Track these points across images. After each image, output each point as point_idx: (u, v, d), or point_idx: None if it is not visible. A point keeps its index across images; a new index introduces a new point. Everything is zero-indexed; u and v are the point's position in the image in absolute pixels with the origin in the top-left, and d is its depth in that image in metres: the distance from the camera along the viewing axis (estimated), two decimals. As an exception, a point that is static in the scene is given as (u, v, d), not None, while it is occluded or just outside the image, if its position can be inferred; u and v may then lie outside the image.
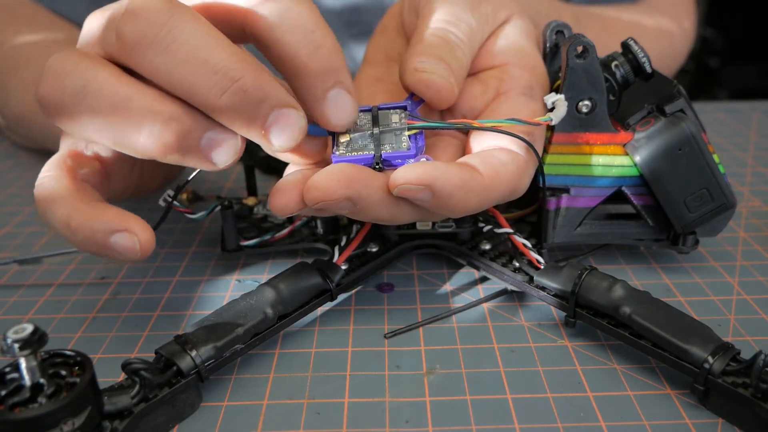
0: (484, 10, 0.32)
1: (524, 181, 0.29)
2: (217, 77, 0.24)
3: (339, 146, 0.28)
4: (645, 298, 0.28)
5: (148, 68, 0.25)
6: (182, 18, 0.25)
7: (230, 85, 0.24)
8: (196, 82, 0.24)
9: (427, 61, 0.29)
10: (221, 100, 0.25)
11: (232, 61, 0.25)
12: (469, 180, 0.26)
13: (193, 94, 0.25)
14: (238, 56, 0.25)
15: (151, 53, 0.25)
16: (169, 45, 0.24)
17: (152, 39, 0.24)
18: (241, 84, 0.24)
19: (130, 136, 0.25)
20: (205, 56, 0.24)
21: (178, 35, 0.24)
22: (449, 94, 0.29)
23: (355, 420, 0.26)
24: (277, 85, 0.25)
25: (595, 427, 0.25)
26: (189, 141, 0.25)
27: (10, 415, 0.21)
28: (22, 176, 0.50)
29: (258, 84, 0.25)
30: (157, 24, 0.24)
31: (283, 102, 0.25)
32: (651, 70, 0.32)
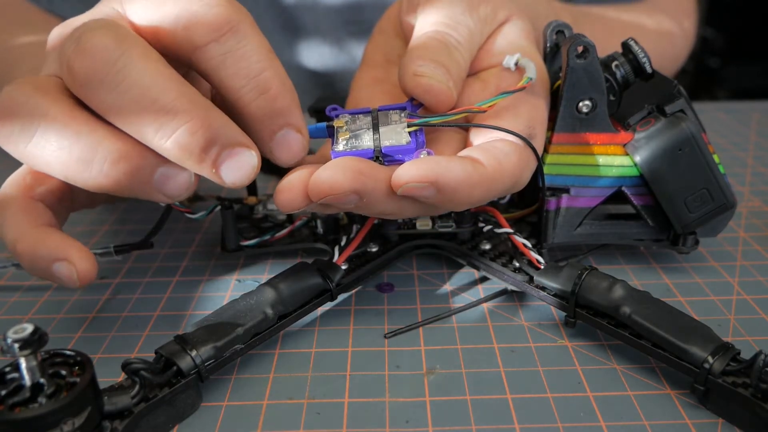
0: (482, 11, 0.32)
1: (526, 172, 0.29)
2: (165, 118, 0.24)
3: (338, 143, 0.28)
4: (645, 298, 0.28)
5: (98, 105, 0.25)
6: (133, 56, 0.24)
7: (179, 126, 0.24)
8: (144, 123, 0.24)
9: (426, 65, 0.29)
10: (170, 140, 0.24)
11: (182, 102, 0.24)
12: (473, 172, 0.26)
13: (142, 134, 0.25)
14: (189, 96, 0.25)
15: (101, 91, 0.24)
16: (119, 84, 0.24)
17: (102, 77, 0.24)
18: (191, 126, 0.24)
19: (80, 173, 0.25)
20: (154, 97, 0.24)
21: (127, 75, 0.24)
22: (447, 98, 0.29)
23: (355, 420, 0.26)
24: (228, 124, 0.25)
25: (595, 427, 0.25)
26: (140, 178, 0.25)
27: (10, 415, 0.21)
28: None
29: (207, 124, 0.25)
30: (107, 62, 0.24)
31: (233, 141, 0.25)
32: (651, 71, 0.32)
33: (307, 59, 0.62)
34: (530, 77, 0.29)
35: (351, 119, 0.29)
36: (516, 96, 0.30)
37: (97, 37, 0.24)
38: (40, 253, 0.27)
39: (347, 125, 0.29)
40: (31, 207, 0.29)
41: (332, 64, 0.62)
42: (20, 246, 0.27)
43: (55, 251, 0.27)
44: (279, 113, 0.27)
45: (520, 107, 0.30)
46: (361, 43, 0.60)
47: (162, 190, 0.26)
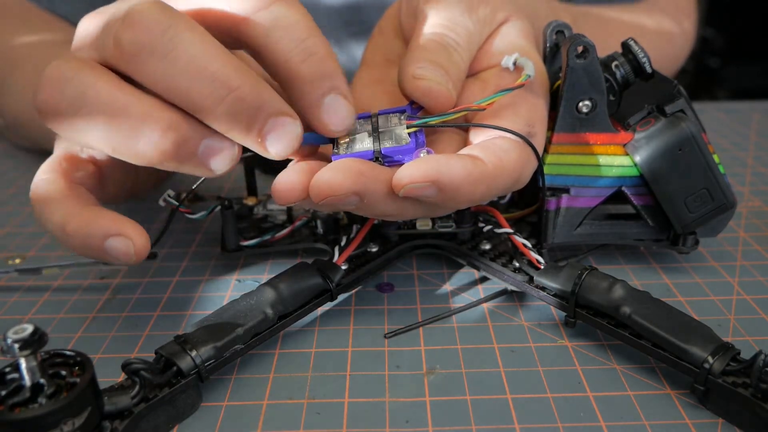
0: (482, 12, 0.32)
1: (527, 170, 0.29)
2: (214, 86, 0.25)
3: (339, 146, 0.28)
4: (645, 298, 0.28)
5: (147, 76, 0.25)
6: (180, 27, 0.25)
7: (227, 94, 0.25)
8: (194, 90, 0.25)
9: (426, 68, 0.29)
10: (219, 108, 0.25)
11: (229, 70, 0.25)
12: (474, 170, 0.26)
13: (191, 103, 0.25)
14: (236, 65, 0.25)
15: (149, 62, 0.25)
16: (168, 54, 0.24)
17: (151, 48, 0.25)
18: (238, 93, 0.25)
19: (129, 144, 0.25)
20: (204, 65, 0.24)
21: (177, 44, 0.24)
22: (447, 100, 0.29)
23: (355, 420, 0.26)
24: (273, 94, 0.26)
25: (595, 427, 0.25)
26: (186, 149, 0.25)
27: (10, 415, 0.21)
28: (23, 176, 0.50)
29: (255, 93, 0.25)
30: (156, 33, 0.24)
31: (279, 110, 0.26)
32: (651, 71, 0.32)
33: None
34: (528, 74, 0.29)
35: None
36: (515, 95, 0.30)
37: (145, 10, 0.25)
38: (94, 231, 0.27)
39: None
40: (75, 189, 0.29)
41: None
42: (70, 226, 0.27)
43: (109, 228, 0.27)
44: (328, 75, 0.27)
45: (520, 106, 0.30)
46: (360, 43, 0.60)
47: (206, 163, 0.26)
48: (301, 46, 0.26)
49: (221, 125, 0.25)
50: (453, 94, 0.30)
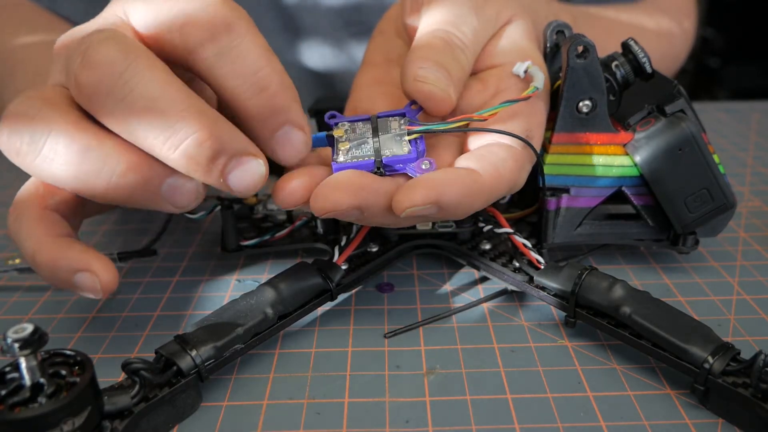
0: (488, 11, 0.32)
1: (523, 175, 0.29)
2: (172, 130, 0.24)
3: (339, 154, 0.28)
4: (645, 298, 0.28)
5: (106, 118, 0.25)
6: (139, 67, 0.24)
7: (186, 138, 0.24)
8: (152, 134, 0.24)
9: (428, 68, 0.29)
10: (177, 152, 0.24)
11: (188, 113, 0.24)
12: (472, 185, 0.26)
13: (150, 146, 0.25)
14: (195, 107, 0.25)
15: (108, 103, 0.24)
16: (126, 96, 0.24)
17: (108, 90, 0.24)
18: (197, 137, 0.24)
19: (90, 186, 0.25)
20: (161, 108, 0.24)
21: (134, 87, 0.24)
22: (447, 104, 0.29)
23: (355, 420, 0.26)
24: (235, 133, 0.25)
25: (595, 427, 0.25)
26: (148, 189, 0.25)
27: (10, 414, 0.21)
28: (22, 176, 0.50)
29: (215, 136, 0.25)
30: (114, 74, 0.24)
31: (241, 150, 0.25)
32: (651, 71, 0.32)
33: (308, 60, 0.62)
34: (537, 87, 0.29)
35: (350, 128, 0.29)
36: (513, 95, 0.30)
37: (102, 49, 0.24)
38: (61, 264, 0.26)
39: (347, 134, 0.29)
40: (47, 217, 0.28)
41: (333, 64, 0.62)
42: (39, 257, 0.27)
43: (76, 262, 0.26)
44: (278, 111, 0.27)
45: (519, 111, 0.30)
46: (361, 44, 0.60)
47: (170, 201, 0.26)
48: (249, 81, 0.26)
49: (182, 167, 0.25)
50: (454, 99, 0.29)
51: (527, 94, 0.29)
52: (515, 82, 0.31)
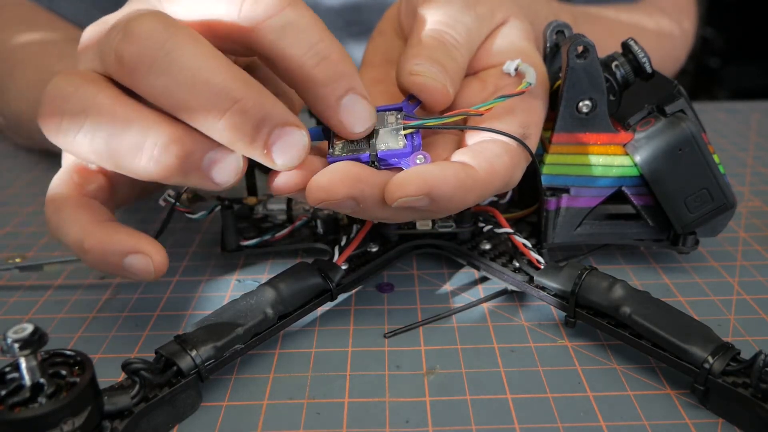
0: (480, 10, 0.32)
1: (518, 171, 0.29)
2: (216, 99, 0.24)
3: (335, 147, 0.28)
4: (645, 298, 0.28)
5: (148, 90, 0.25)
6: (181, 39, 0.24)
7: (230, 107, 0.24)
8: (195, 104, 0.24)
9: (423, 64, 0.29)
10: (221, 122, 0.24)
11: (231, 82, 0.24)
12: (466, 179, 0.26)
13: (193, 116, 0.25)
14: (238, 77, 0.25)
15: (150, 76, 0.24)
16: (168, 67, 0.24)
17: (151, 62, 0.24)
18: (241, 105, 0.24)
19: (131, 161, 0.25)
20: (205, 78, 0.24)
21: (177, 57, 0.24)
22: (444, 96, 0.29)
23: (355, 420, 0.26)
24: (278, 104, 0.25)
25: (595, 427, 0.25)
26: (189, 163, 0.25)
27: (10, 414, 0.21)
28: (23, 176, 0.50)
29: (258, 104, 0.25)
30: (156, 46, 0.24)
31: (284, 121, 0.25)
32: (651, 71, 0.32)
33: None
34: (529, 82, 0.29)
35: None
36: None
37: (144, 22, 0.24)
38: (111, 249, 0.27)
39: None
40: (89, 204, 0.29)
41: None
42: (88, 243, 0.27)
43: (127, 245, 0.27)
44: (343, 77, 0.27)
45: (516, 108, 0.30)
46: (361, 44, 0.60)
47: (211, 176, 0.26)
48: (313, 50, 0.26)
49: (225, 138, 0.25)
50: (450, 91, 0.29)
51: (521, 89, 0.29)
52: (513, 80, 0.31)
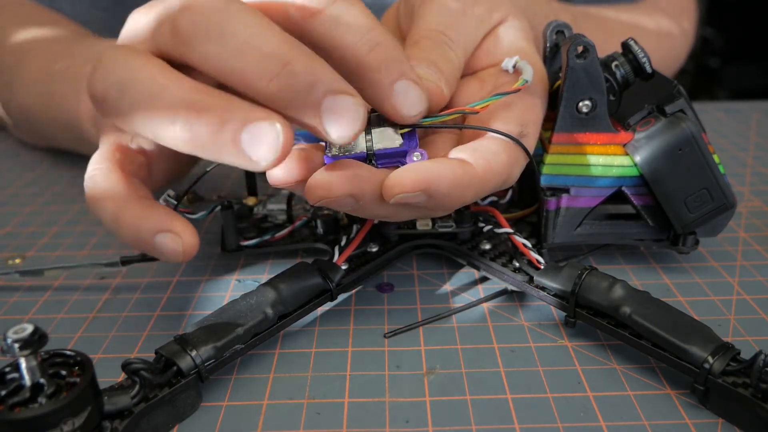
0: (477, 11, 0.32)
1: (516, 169, 0.29)
2: (266, 62, 0.24)
3: (332, 147, 0.28)
4: (645, 298, 0.28)
5: (201, 59, 0.25)
6: (236, 9, 0.25)
7: (280, 70, 0.24)
8: (246, 68, 0.25)
9: (419, 66, 0.29)
10: (271, 85, 0.24)
11: (282, 47, 0.25)
12: (463, 175, 0.26)
13: (244, 82, 0.25)
14: (289, 42, 0.25)
15: (204, 44, 0.25)
16: (222, 34, 0.25)
17: (206, 29, 0.25)
18: (291, 68, 0.24)
19: (166, 128, 0.25)
20: (255, 43, 0.24)
21: (231, 25, 0.25)
22: (439, 97, 0.29)
23: (355, 420, 0.26)
24: (331, 71, 0.25)
25: (595, 427, 0.25)
26: (223, 134, 0.24)
27: (10, 415, 0.21)
28: (23, 176, 0.50)
29: (309, 68, 0.24)
30: (212, 15, 0.25)
31: (337, 88, 0.25)
32: (651, 71, 0.32)
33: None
34: (526, 80, 0.29)
35: None
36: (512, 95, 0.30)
37: None
38: (144, 225, 0.27)
39: None
40: (129, 181, 0.29)
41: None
42: (123, 218, 0.27)
43: (160, 223, 0.27)
44: (395, 61, 0.27)
45: (514, 106, 0.30)
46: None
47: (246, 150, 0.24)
48: (366, 37, 0.27)
49: (276, 103, 0.25)
50: (446, 92, 0.30)
51: (517, 87, 0.29)
52: (512, 79, 0.31)
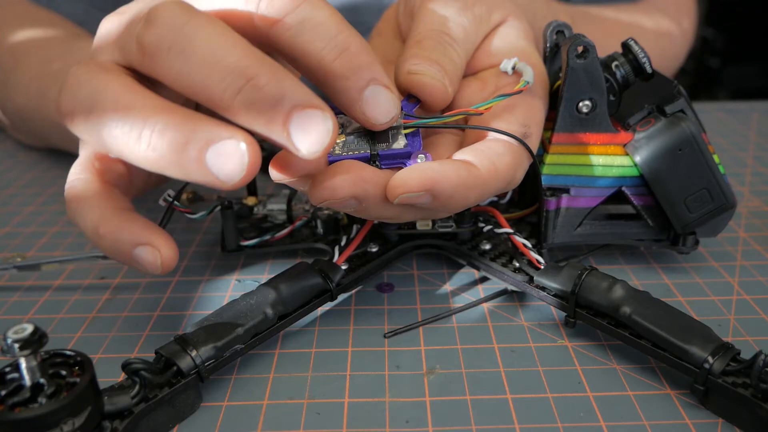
0: (477, 11, 0.32)
1: (520, 171, 0.29)
2: (230, 77, 0.24)
3: (335, 146, 0.28)
4: (645, 298, 0.28)
5: (167, 74, 0.25)
6: (199, 23, 0.25)
7: (244, 84, 0.24)
8: (211, 83, 0.24)
9: (421, 64, 0.29)
10: (236, 100, 0.24)
11: (245, 60, 0.24)
12: (468, 177, 0.26)
13: (209, 97, 0.25)
14: (254, 55, 0.25)
15: (168, 58, 0.25)
16: (186, 49, 0.24)
17: (170, 44, 0.24)
18: (255, 82, 0.24)
19: (132, 147, 0.25)
20: (220, 56, 0.24)
21: (195, 38, 0.24)
22: (443, 94, 0.29)
23: (355, 420, 0.26)
24: (298, 85, 0.25)
25: (595, 427, 0.25)
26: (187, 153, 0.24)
27: (10, 415, 0.21)
28: (22, 176, 0.50)
29: (275, 81, 0.24)
30: (175, 29, 0.24)
31: (305, 102, 0.24)
32: (651, 71, 0.32)
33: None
34: (527, 81, 0.29)
35: (347, 120, 0.29)
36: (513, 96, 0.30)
37: (166, 8, 0.25)
38: (123, 237, 0.27)
39: (343, 127, 0.29)
40: (109, 191, 0.29)
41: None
42: (103, 229, 0.27)
43: (139, 236, 0.27)
44: (363, 67, 0.26)
45: (517, 107, 0.30)
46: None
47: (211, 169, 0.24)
48: (332, 44, 0.26)
49: (242, 119, 0.24)
50: (449, 90, 0.30)
51: (519, 88, 0.29)
52: (513, 80, 0.31)
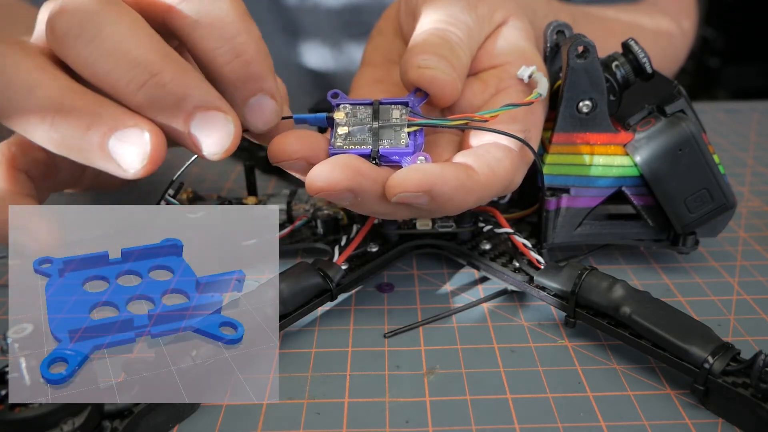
0: (480, 10, 0.32)
1: (518, 175, 0.30)
2: (134, 70, 0.24)
3: (337, 138, 0.28)
4: (645, 298, 0.28)
5: (75, 61, 0.25)
6: (109, 12, 0.25)
7: (148, 79, 0.24)
8: (116, 75, 0.24)
9: (430, 58, 0.29)
10: (138, 94, 0.24)
11: (153, 56, 0.24)
12: (466, 180, 0.26)
13: (112, 88, 0.25)
14: (162, 51, 0.24)
15: (76, 46, 0.25)
16: (94, 37, 0.24)
17: (78, 31, 0.24)
18: (158, 79, 0.24)
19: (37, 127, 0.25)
20: (127, 49, 0.24)
21: (103, 28, 0.24)
22: (453, 89, 0.29)
23: (355, 420, 0.26)
24: (203, 86, 0.25)
25: (595, 427, 0.25)
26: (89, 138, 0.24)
27: (10, 414, 0.21)
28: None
29: (178, 81, 0.24)
30: (85, 17, 0.24)
31: (207, 103, 0.24)
32: (651, 71, 0.32)
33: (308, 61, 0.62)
34: (540, 93, 0.29)
35: (351, 111, 0.29)
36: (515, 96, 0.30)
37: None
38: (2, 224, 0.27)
39: (347, 118, 0.29)
40: (15, 177, 0.29)
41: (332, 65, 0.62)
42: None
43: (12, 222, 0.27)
44: (253, 78, 0.26)
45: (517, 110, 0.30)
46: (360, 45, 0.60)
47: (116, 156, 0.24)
48: (227, 46, 0.26)
49: (144, 112, 0.24)
50: (459, 84, 0.30)
51: (530, 99, 0.29)
52: (515, 82, 0.31)
